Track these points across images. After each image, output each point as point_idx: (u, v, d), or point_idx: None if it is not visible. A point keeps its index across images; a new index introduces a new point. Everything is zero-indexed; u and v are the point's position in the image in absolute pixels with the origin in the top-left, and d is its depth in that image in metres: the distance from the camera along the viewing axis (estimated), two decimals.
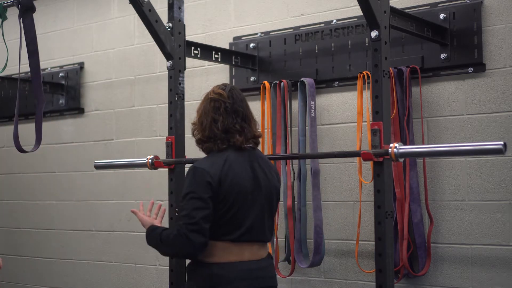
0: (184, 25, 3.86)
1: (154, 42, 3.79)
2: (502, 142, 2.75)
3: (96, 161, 4.08)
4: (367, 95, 4.05)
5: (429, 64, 3.98)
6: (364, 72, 4.01)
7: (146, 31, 3.78)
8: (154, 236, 3.05)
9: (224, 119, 3.04)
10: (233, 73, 4.78)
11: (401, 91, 3.97)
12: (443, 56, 3.92)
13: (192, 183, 2.94)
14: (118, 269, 5.42)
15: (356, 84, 4.09)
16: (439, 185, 3.95)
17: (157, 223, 3.21)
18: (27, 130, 5.19)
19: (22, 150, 3.45)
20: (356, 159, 4.08)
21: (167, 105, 3.84)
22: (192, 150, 4.79)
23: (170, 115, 3.80)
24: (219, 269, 2.99)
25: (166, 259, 3.96)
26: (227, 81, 4.82)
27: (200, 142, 3.11)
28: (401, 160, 3.10)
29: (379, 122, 3.17)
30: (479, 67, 3.86)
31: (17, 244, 6.12)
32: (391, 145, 3.05)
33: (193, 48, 4.14)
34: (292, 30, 4.54)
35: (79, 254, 5.67)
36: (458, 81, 3.93)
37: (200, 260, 3.00)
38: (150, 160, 3.79)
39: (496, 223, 3.78)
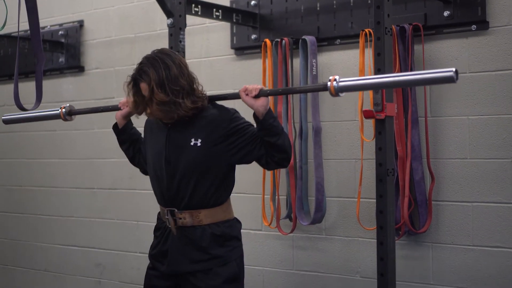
0: None
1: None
2: (453, 69, 2.50)
3: (4, 116, 3.83)
4: (369, 53, 4.02)
5: (432, 22, 3.95)
6: (366, 30, 3.98)
7: None
8: (279, 125, 3.05)
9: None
10: (234, 31, 4.74)
11: (403, 48, 3.94)
12: (446, 13, 3.89)
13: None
14: (121, 227, 5.44)
15: (358, 42, 4.06)
16: (441, 143, 3.95)
17: None
18: (27, 88, 5.18)
19: (22, 108, 3.44)
20: (358, 118, 4.08)
21: None
22: None
23: None
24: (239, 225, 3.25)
25: None
26: (228, 39, 4.79)
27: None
28: (342, 95, 2.77)
29: None
30: (483, 24, 3.82)
31: (19, 202, 6.14)
32: (330, 77, 2.76)
33: (193, 5, 4.11)
34: None
35: (81, 211, 5.69)
36: (461, 39, 3.90)
37: (233, 217, 3.19)
38: (64, 110, 3.57)
39: (498, 181, 3.79)
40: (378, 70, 3.22)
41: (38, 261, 5.99)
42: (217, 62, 4.86)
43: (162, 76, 2.95)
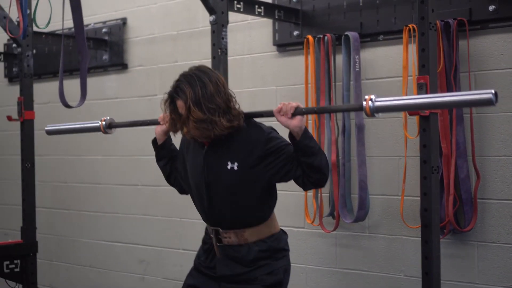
0: None
1: None
2: (492, 91, 2.37)
3: (47, 126, 3.84)
4: (412, 48, 3.98)
5: (477, 16, 3.89)
6: (410, 25, 3.94)
7: None
8: (315, 145, 2.93)
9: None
10: (276, 28, 4.73)
11: (448, 44, 3.89)
12: (491, 8, 3.82)
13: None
14: (164, 224, 5.47)
15: (401, 37, 4.01)
16: (486, 140, 3.89)
17: None
18: (71, 86, 5.23)
19: (67, 106, 3.48)
20: (401, 114, 4.03)
21: (210, 60, 3.82)
22: None
23: None
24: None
25: None
26: (270, 35, 4.78)
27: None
28: (378, 116, 2.66)
29: (426, 76, 3.13)
30: None
31: (64, 199, 6.21)
32: (366, 96, 2.65)
33: (235, 2, 4.10)
34: None
35: (125, 208, 5.74)
36: (507, 33, 3.84)
37: (278, 230, 3.13)
38: (104, 123, 3.53)
39: None
40: (422, 66, 3.18)
41: (83, 257, 6.06)
42: (259, 59, 4.85)
43: (198, 94, 2.89)
